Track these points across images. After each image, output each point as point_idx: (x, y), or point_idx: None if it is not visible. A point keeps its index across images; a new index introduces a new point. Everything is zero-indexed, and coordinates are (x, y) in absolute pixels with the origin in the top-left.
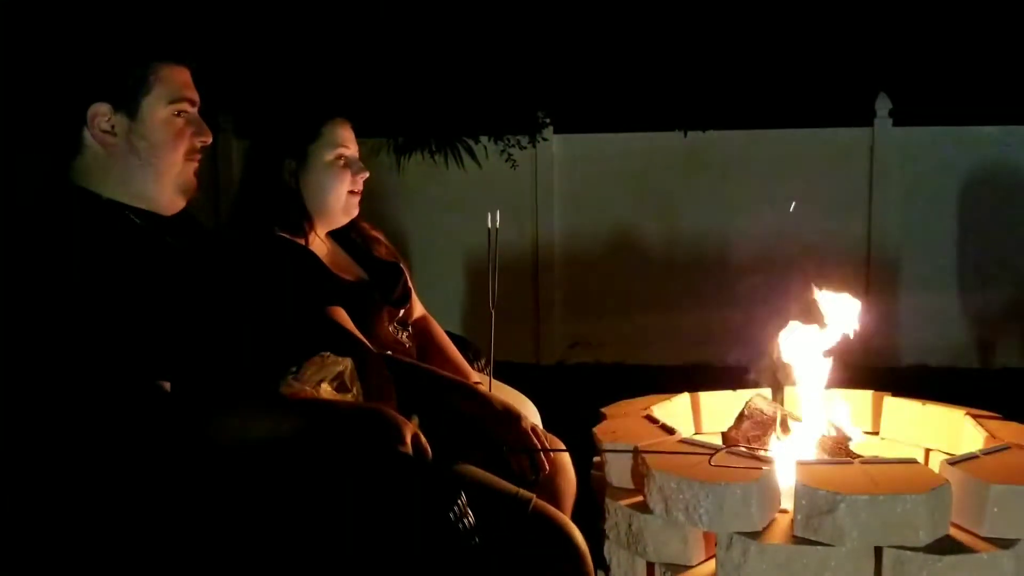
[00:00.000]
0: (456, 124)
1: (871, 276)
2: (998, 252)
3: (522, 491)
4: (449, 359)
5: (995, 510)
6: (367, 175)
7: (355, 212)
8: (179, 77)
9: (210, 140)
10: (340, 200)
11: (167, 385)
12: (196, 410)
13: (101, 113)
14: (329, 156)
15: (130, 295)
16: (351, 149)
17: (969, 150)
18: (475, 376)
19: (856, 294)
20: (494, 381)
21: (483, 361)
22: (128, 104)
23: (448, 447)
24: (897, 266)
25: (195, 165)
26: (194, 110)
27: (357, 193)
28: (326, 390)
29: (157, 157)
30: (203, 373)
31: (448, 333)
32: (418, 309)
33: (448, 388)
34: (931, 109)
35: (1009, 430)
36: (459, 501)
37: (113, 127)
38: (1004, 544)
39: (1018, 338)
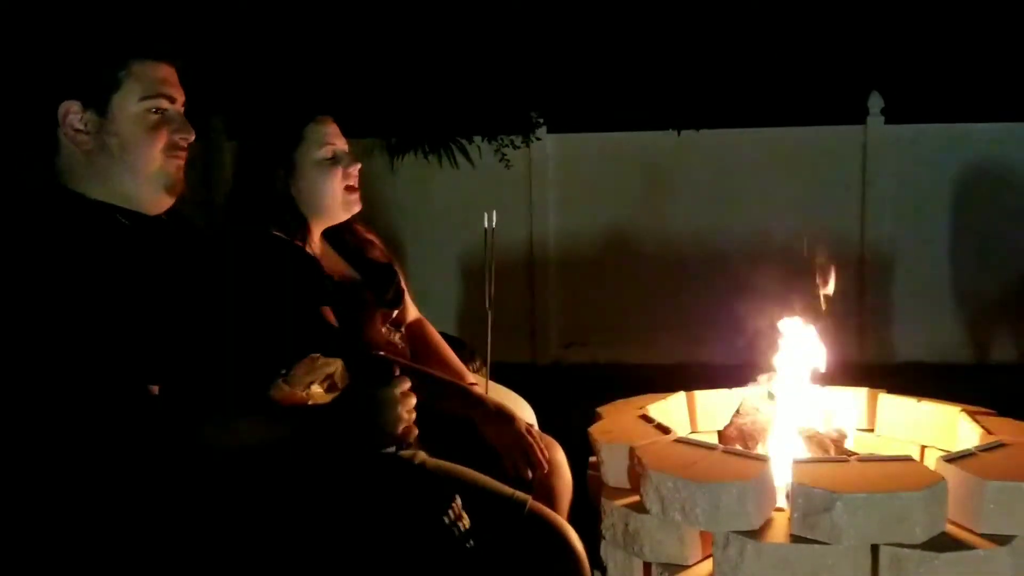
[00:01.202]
0: (450, 124)
1: (865, 273)
2: (992, 248)
3: (518, 492)
4: (444, 361)
5: (991, 506)
6: (359, 166)
7: (357, 207)
8: (155, 73)
9: (192, 138)
10: (336, 198)
11: (155, 389)
12: (185, 415)
13: (72, 111)
14: (316, 156)
15: (116, 298)
16: (338, 144)
17: (961, 147)
18: (471, 377)
19: (850, 292)
20: (490, 382)
21: (479, 362)
22: (98, 101)
23: (443, 449)
24: (891, 263)
25: (179, 163)
26: (173, 107)
27: (355, 188)
28: (316, 392)
29: (130, 154)
30: (193, 377)
31: (443, 335)
32: (412, 312)
33: (443, 390)
34: (923, 107)
35: (1005, 426)
36: (453, 504)
37: (86, 125)
38: (1001, 540)
39: (1012, 334)
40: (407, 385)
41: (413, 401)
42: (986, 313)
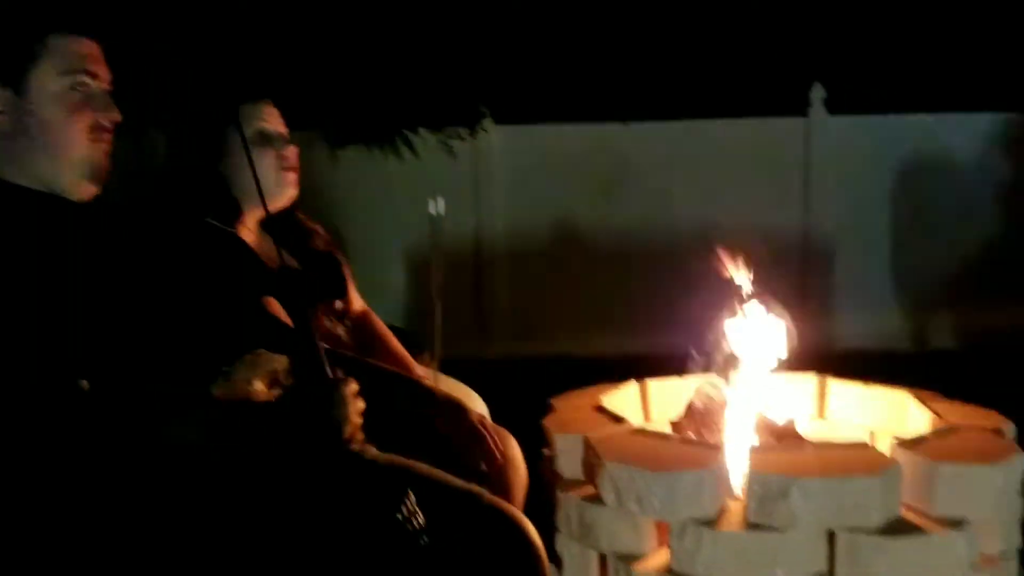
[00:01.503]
0: (394, 115)
1: (807, 263)
2: (931, 236)
3: (472, 486)
4: (392, 353)
5: (945, 490)
6: (295, 149)
7: (292, 190)
8: (78, 49)
9: (118, 118)
10: (269, 179)
11: (85, 384)
12: (118, 410)
13: None
14: (248, 136)
15: (37, 288)
16: (271, 124)
17: (902, 137)
18: (419, 370)
19: (793, 280)
20: (439, 375)
21: (427, 355)
22: (14, 79)
23: (394, 443)
24: (832, 252)
25: (104, 146)
26: (97, 84)
27: (291, 168)
28: (259, 389)
29: (49, 134)
30: (127, 371)
31: (391, 327)
32: (358, 303)
33: (391, 382)
34: (865, 98)
35: (955, 410)
36: (407, 500)
37: (2, 105)
38: (955, 524)
39: (951, 321)
40: (355, 387)
41: (361, 405)
42: (925, 300)
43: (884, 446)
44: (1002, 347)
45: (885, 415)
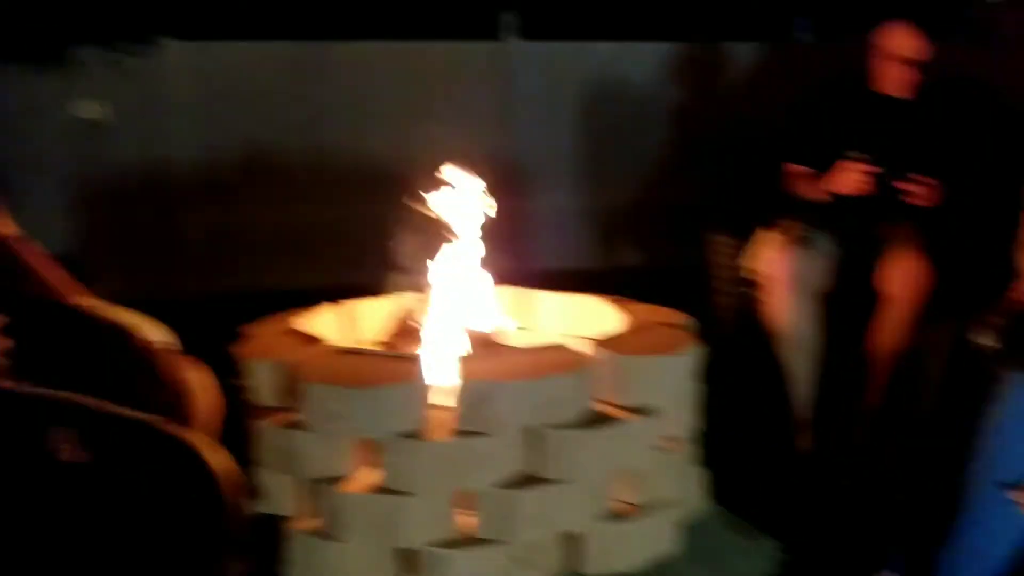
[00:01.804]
0: (58, 31)
1: (506, 187)
2: (619, 161)
3: (145, 415)
4: (44, 280)
5: (632, 381)
6: None
7: None
8: None
9: None
10: None
11: None
12: None
13: None
14: None
15: None
16: None
17: (588, 64)
18: (82, 299)
19: (495, 204)
20: (108, 305)
21: (97, 284)
22: None
23: (55, 375)
24: (529, 176)
25: None
26: None
27: None
28: None
29: None
30: None
31: (52, 256)
32: (4, 226)
33: (44, 310)
34: (555, 26)
35: (642, 310)
36: (55, 434)
37: None
38: (642, 411)
39: (636, 239)
40: None
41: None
42: (609, 220)
43: (583, 346)
44: (679, 262)
45: (583, 320)
